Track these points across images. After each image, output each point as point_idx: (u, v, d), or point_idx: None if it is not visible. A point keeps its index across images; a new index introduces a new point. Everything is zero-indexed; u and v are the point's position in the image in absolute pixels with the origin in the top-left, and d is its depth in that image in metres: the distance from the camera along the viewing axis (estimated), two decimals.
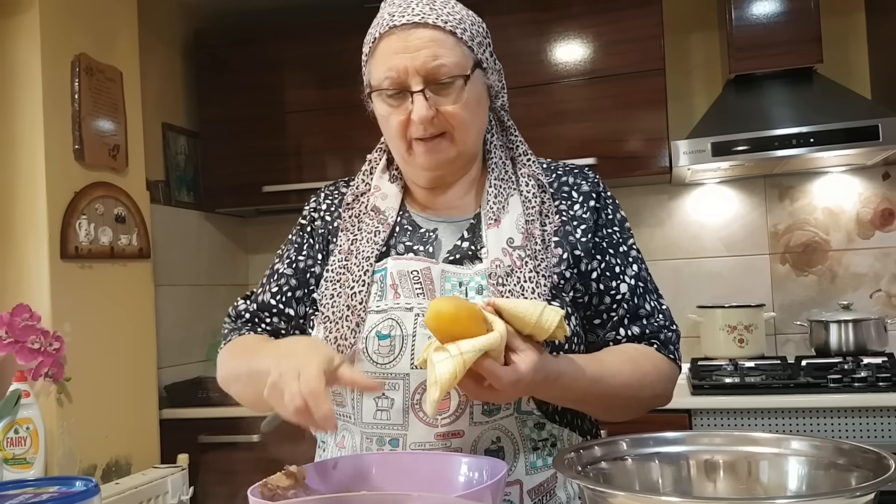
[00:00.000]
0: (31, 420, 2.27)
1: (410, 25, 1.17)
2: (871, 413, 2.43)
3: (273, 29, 3.30)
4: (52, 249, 2.46)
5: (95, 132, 2.64)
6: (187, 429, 2.90)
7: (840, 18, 3.13)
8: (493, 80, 1.26)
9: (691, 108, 3.24)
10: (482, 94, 1.24)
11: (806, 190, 3.19)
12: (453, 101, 1.18)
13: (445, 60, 1.16)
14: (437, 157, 1.21)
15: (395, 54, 1.17)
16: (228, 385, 1.31)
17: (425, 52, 1.16)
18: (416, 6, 1.19)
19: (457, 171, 1.28)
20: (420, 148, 1.21)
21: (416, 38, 1.17)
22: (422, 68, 1.16)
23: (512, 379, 1.01)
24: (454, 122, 1.19)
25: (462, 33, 1.19)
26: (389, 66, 1.18)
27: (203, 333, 3.34)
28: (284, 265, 1.35)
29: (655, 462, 1.02)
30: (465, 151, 1.24)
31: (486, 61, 1.24)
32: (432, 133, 1.19)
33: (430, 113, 1.17)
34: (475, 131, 1.25)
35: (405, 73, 1.17)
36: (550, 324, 1.02)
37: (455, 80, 1.17)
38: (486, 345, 0.98)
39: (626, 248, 1.29)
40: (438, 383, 0.96)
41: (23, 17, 2.48)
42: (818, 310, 3.09)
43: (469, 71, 1.19)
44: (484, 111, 1.26)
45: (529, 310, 1.02)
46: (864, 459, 0.90)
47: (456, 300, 1.02)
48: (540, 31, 3.04)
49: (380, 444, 1.17)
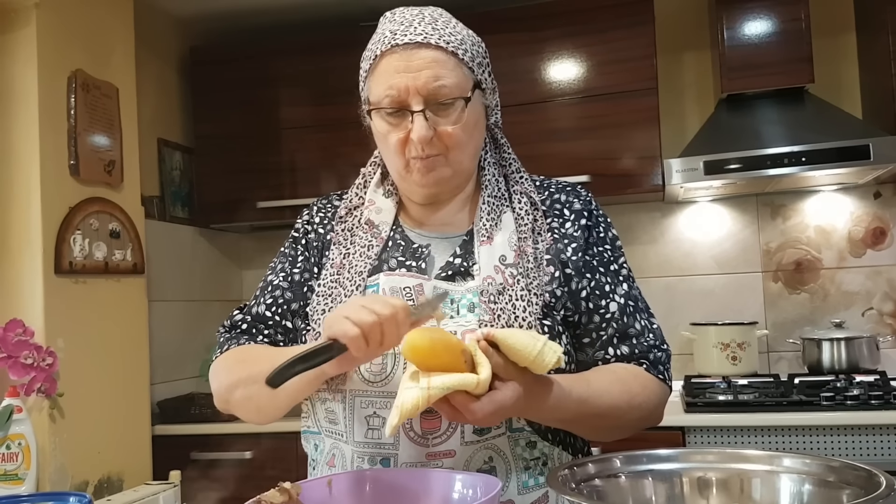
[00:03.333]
0: (24, 436, 2.26)
1: (413, 45, 1.17)
2: (863, 431, 2.43)
3: (268, 46, 3.32)
4: (46, 264, 2.46)
5: (91, 148, 2.64)
6: (180, 445, 2.89)
7: (831, 39, 3.16)
8: (490, 99, 1.27)
9: (684, 127, 3.26)
10: (480, 114, 1.25)
11: (798, 208, 3.21)
12: (453, 122, 1.19)
13: (447, 81, 1.17)
14: (434, 176, 1.22)
15: (397, 73, 1.17)
16: (234, 389, 1.24)
17: (427, 72, 1.16)
18: (418, 25, 1.19)
19: (452, 189, 1.28)
20: (417, 166, 1.21)
21: (418, 58, 1.17)
22: (423, 88, 1.16)
23: (487, 412, 0.99)
24: (451, 142, 1.19)
25: (463, 54, 1.20)
26: (390, 85, 1.18)
27: (196, 349, 3.33)
28: (279, 278, 1.34)
29: (649, 479, 1.02)
30: (460, 171, 1.25)
31: (485, 81, 1.25)
32: (430, 153, 1.19)
33: (430, 133, 1.17)
34: (472, 151, 1.25)
35: (406, 93, 1.17)
36: (548, 362, 1.00)
37: (455, 102, 1.18)
38: (456, 384, 0.97)
39: (616, 267, 1.29)
40: (400, 410, 0.96)
41: (20, 33, 2.49)
42: (811, 328, 3.10)
43: (469, 92, 1.20)
44: (481, 131, 1.27)
45: (528, 346, 1.00)
46: (855, 477, 0.91)
47: (432, 332, 1.00)
48: (534, 50, 3.06)
49: (371, 463, 1.17)
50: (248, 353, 1.27)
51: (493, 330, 1.02)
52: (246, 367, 1.22)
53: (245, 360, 1.25)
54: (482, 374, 0.98)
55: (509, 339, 1.01)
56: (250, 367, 1.21)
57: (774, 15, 2.90)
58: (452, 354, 0.98)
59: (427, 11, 1.23)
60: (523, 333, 1.03)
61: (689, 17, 3.30)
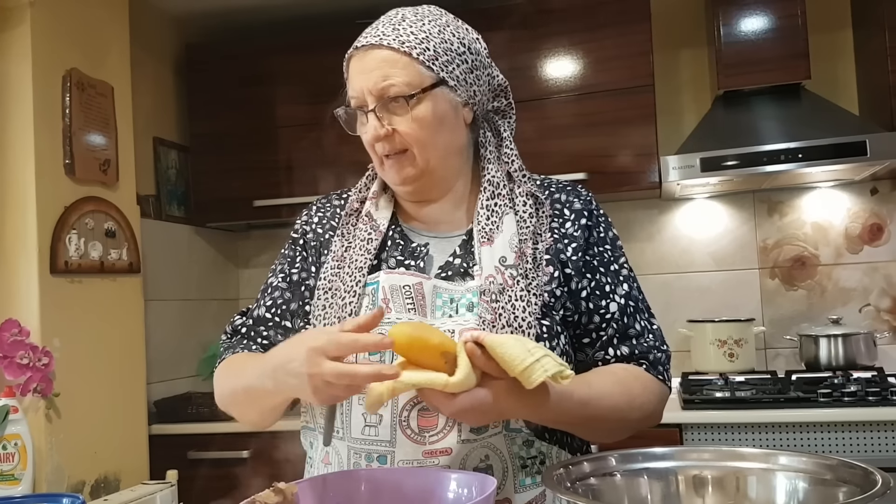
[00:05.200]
0: (20, 436, 2.25)
1: (368, 47, 1.22)
2: (860, 427, 2.43)
3: (264, 44, 3.31)
4: (41, 264, 2.45)
5: (86, 147, 2.64)
6: (177, 444, 2.89)
7: (828, 35, 3.15)
8: (463, 96, 1.25)
9: (680, 124, 3.26)
10: (445, 112, 1.23)
11: (795, 205, 3.21)
12: (408, 119, 1.20)
13: (394, 80, 1.19)
14: (402, 174, 1.24)
15: (356, 75, 1.23)
16: (229, 407, 1.31)
17: (377, 72, 1.20)
18: (381, 27, 1.23)
19: (433, 188, 1.28)
20: (387, 163, 1.25)
21: (370, 59, 1.21)
22: (374, 88, 1.20)
23: (458, 407, 1.02)
24: (410, 139, 1.21)
25: (420, 53, 1.20)
26: (353, 87, 1.24)
27: (193, 348, 3.33)
28: (279, 279, 1.36)
29: (644, 478, 1.02)
30: (430, 169, 1.25)
31: (456, 79, 1.23)
32: (391, 150, 1.23)
33: (381, 131, 1.21)
34: (440, 149, 1.25)
35: (362, 93, 1.22)
36: (535, 379, 0.99)
37: (408, 100, 1.19)
38: (424, 382, 1.00)
39: (616, 267, 1.29)
40: (368, 394, 1.00)
41: (14, 32, 2.48)
42: (808, 324, 3.10)
43: (419, 90, 1.19)
44: (450, 129, 1.25)
45: (516, 359, 0.99)
46: (851, 475, 0.91)
47: (414, 328, 1.03)
48: (530, 48, 3.05)
49: (368, 461, 1.17)
50: (233, 368, 1.30)
51: (484, 334, 1.02)
52: (232, 383, 1.27)
53: (231, 376, 1.28)
54: (456, 376, 1.00)
55: (498, 347, 1.01)
56: (234, 383, 1.25)
57: (771, 11, 2.90)
58: (429, 353, 1.01)
59: (403, 11, 1.25)
60: (517, 344, 1.01)
61: (685, 13, 3.29)
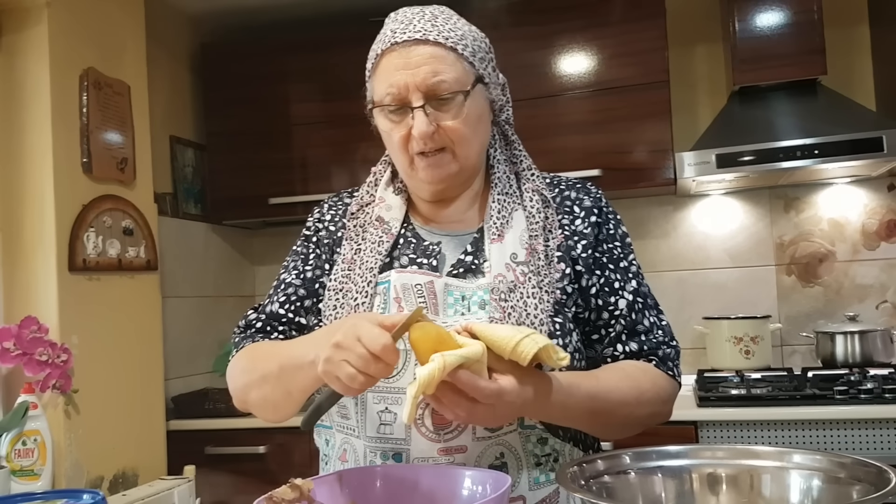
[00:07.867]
0: (39, 432, 2.28)
1: (412, 42, 1.19)
2: (877, 425, 2.42)
3: (279, 42, 3.32)
4: (60, 262, 2.48)
5: (103, 145, 2.66)
6: (194, 440, 2.91)
7: (844, 30, 3.13)
8: (495, 94, 1.27)
9: (696, 120, 3.25)
10: (484, 109, 1.25)
11: (811, 201, 3.19)
12: (453, 116, 1.19)
13: (445, 76, 1.17)
14: (439, 172, 1.22)
15: (397, 70, 1.19)
16: (249, 391, 1.25)
17: (426, 68, 1.17)
18: (417, 23, 1.20)
19: (459, 186, 1.29)
20: (422, 163, 1.22)
21: (416, 55, 1.18)
22: (422, 84, 1.17)
23: (493, 390, 0.99)
24: (454, 137, 1.20)
25: (463, 49, 1.20)
26: (391, 83, 1.19)
27: (210, 345, 3.35)
28: (292, 276, 1.35)
29: (658, 476, 1.02)
30: (467, 166, 1.25)
31: (489, 76, 1.25)
32: (433, 148, 1.20)
33: (431, 128, 1.18)
34: (477, 146, 1.25)
35: (406, 90, 1.18)
36: (526, 354, 0.99)
37: (455, 96, 1.18)
38: (468, 352, 0.97)
39: (626, 264, 1.29)
40: (417, 382, 0.95)
41: (31, 31, 2.50)
42: (824, 321, 3.09)
43: (469, 86, 1.20)
44: (486, 126, 1.27)
45: (505, 339, 0.99)
46: (865, 473, 0.91)
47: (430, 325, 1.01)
48: (544, 44, 3.05)
49: (383, 458, 1.17)
50: (259, 352, 1.27)
51: (472, 323, 1.03)
52: (258, 367, 1.23)
53: (256, 360, 1.25)
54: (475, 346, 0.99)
55: (486, 331, 1.01)
56: (262, 366, 1.22)
57: (786, 6, 2.88)
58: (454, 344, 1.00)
59: (429, 9, 1.23)
60: (505, 326, 1.03)
61: (700, 9, 3.28)
